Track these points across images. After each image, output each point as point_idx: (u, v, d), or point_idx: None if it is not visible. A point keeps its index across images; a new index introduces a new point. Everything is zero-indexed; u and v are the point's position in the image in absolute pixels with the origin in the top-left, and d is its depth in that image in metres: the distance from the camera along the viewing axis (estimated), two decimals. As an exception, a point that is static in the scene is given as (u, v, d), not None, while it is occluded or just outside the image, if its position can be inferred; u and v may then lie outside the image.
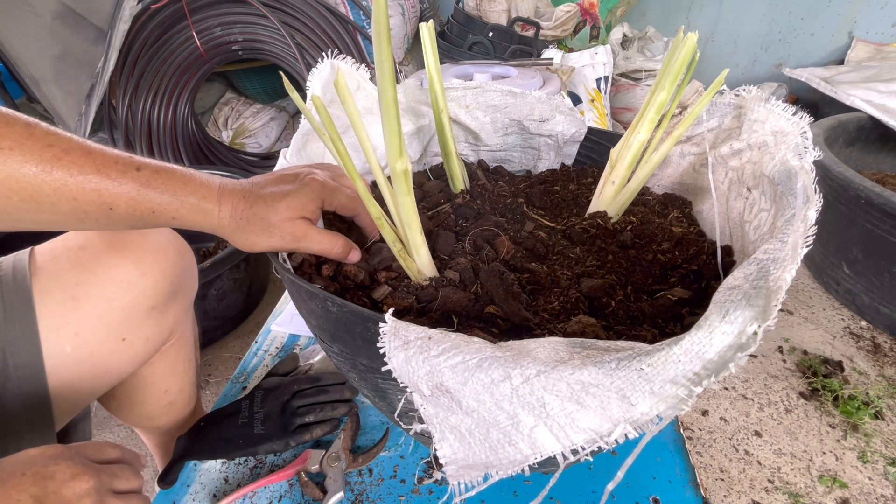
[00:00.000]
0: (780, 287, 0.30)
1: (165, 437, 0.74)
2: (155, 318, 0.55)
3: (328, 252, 0.47)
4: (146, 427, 0.71)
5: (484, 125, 0.71)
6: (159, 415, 0.68)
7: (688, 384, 0.28)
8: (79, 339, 0.48)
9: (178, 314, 0.59)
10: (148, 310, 0.53)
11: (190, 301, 0.62)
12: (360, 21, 1.67)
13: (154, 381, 0.64)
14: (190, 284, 0.60)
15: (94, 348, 0.49)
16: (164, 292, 0.54)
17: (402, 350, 0.33)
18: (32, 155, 0.37)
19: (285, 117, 2.08)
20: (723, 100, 0.54)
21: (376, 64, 0.35)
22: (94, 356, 0.50)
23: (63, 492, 0.36)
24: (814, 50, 2.10)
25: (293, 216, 0.44)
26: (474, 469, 0.33)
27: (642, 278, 0.47)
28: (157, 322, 0.55)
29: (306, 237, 0.45)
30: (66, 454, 0.39)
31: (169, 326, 0.58)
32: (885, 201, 1.05)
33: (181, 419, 0.72)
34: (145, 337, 0.54)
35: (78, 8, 1.46)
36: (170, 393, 0.67)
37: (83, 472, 0.38)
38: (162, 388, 0.65)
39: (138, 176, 0.40)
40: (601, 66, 1.80)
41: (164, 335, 0.58)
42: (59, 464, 0.38)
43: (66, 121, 1.55)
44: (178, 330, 0.62)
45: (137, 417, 0.68)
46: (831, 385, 1.04)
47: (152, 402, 0.66)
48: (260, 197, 0.44)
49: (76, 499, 0.37)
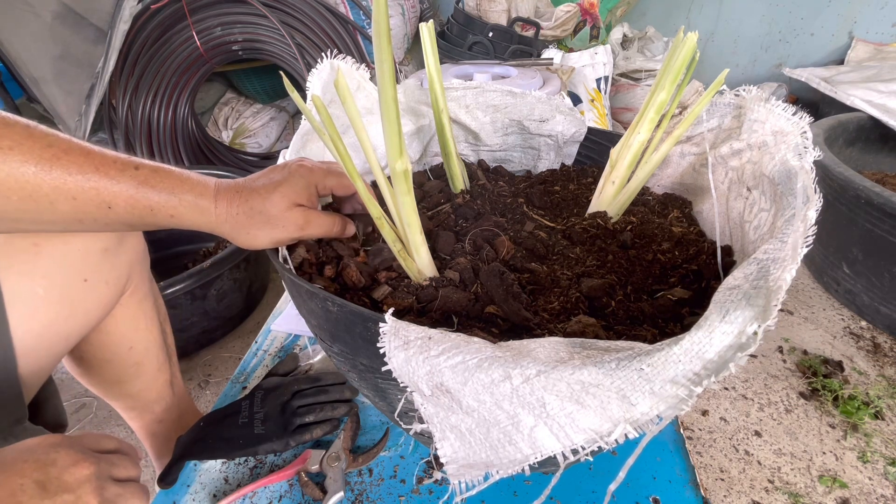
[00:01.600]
0: (780, 287, 0.30)
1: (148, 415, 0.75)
2: (110, 261, 0.56)
3: (329, 233, 0.48)
4: (122, 397, 0.71)
5: (484, 125, 0.71)
6: (129, 377, 0.68)
7: (688, 384, 0.28)
8: (46, 280, 0.49)
9: (132, 261, 0.60)
10: (101, 251, 0.54)
11: (139, 251, 0.63)
12: (360, 21, 1.67)
13: (119, 338, 0.64)
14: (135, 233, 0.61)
15: (62, 290, 0.50)
16: (112, 235, 0.55)
17: (402, 350, 0.33)
18: (32, 155, 0.37)
19: (285, 117, 2.08)
20: (723, 100, 0.54)
21: (376, 64, 0.35)
22: (63, 297, 0.51)
23: (64, 477, 0.38)
24: (814, 50, 2.10)
25: (290, 205, 0.45)
26: (475, 468, 0.33)
27: (642, 278, 0.47)
28: (113, 265, 0.56)
29: (309, 223, 0.46)
30: (66, 442, 0.40)
31: (124, 271, 0.59)
32: (885, 201, 1.05)
33: (156, 390, 0.72)
34: (105, 279, 0.56)
35: (78, 8, 1.46)
36: (135, 351, 0.67)
37: (83, 459, 0.39)
38: (126, 345, 0.66)
39: (136, 174, 0.41)
40: (601, 66, 1.80)
41: (121, 280, 0.59)
42: (59, 451, 0.39)
43: (66, 121, 1.55)
44: (134, 279, 0.62)
45: (108, 381, 0.68)
46: (831, 385, 1.04)
47: (118, 361, 0.66)
48: (254, 190, 0.44)
49: (77, 484, 0.38)
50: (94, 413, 1.08)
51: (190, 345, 1.17)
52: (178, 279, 1.02)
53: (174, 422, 0.77)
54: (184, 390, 0.80)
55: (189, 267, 1.07)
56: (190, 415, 0.81)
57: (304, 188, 0.46)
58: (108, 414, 1.07)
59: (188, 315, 1.10)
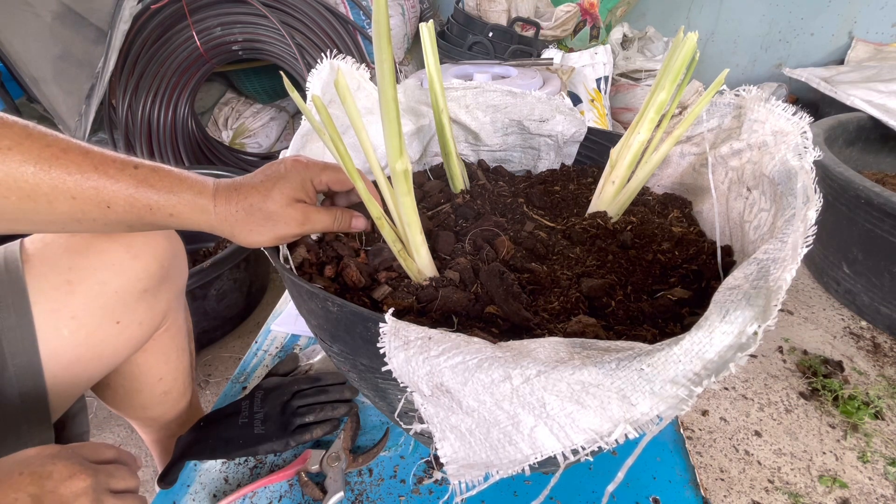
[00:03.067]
0: (780, 287, 0.30)
1: (163, 431, 0.75)
2: (148, 302, 0.55)
3: (331, 227, 0.47)
4: (142, 418, 0.71)
5: (484, 125, 0.71)
6: (155, 404, 0.68)
7: (688, 384, 0.28)
8: (75, 322, 0.49)
9: (170, 299, 0.60)
10: (140, 293, 0.53)
11: (180, 287, 0.63)
12: (360, 21, 1.67)
13: (148, 369, 0.64)
14: (180, 268, 0.61)
15: (90, 331, 0.50)
16: (155, 275, 0.55)
17: (402, 350, 0.33)
18: (31, 154, 0.37)
19: (285, 117, 2.08)
20: (723, 100, 0.54)
21: (376, 64, 0.35)
22: (90, 339, 0.50)
23: (60, 490, 0.37)
24: (814, 50, 2.10)
25: (289, 201, 0.45)
26: (475, 468, 0.33)
27: (642, 278, 0.47)
28: (150, 306, 0.56)
29: (308, 219, 0.45)
30: (63, 454, 0.39)
31: (161, 311, 0.59)
32: (885, 201, 1.05)
33: (177, 412, 0.73)
34: (139, 321, 0.55)
35: (78, 8, 1.46)
36: (164, 381, 0.67)
37: (80, 471, 0.38)
38: (156, 377, 0.66)
39: (136, 173, 0.41)
40: (601, 66, 1.80)
41: (157, 319, 0.58)
42: (56, 463, 0.38)
43: (66, 121, 1.55)
44: (170, 316, 0.62)
45: (133, 408, 0.68)
46: (831, 385, 1.04)
47: (147, 391, 0.66)
48: (252, 187, 0.44)
49: (73, 497, 0.37)
50: (95, 413, 1.07)
51: (190, 345, 1.17)
52: (178, 279, 1.02)
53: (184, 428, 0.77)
54: (198, 403, 0.80)
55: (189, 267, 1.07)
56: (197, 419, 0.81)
57: (301, 184, 0.45)
58: (108, 414, 1.07)
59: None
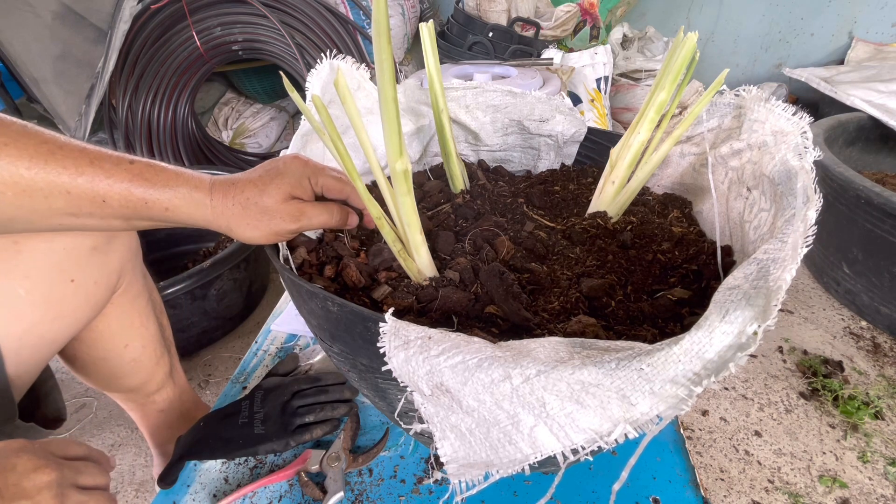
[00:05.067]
0: (780, 287, 0.30)
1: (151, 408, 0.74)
2: (99, 259, 0.55)
3: (328, 223, 0.47)
4: (122, 391, 0.71)
5: (484, 125, 0.71)
6: (126, 373, 0.68)
7: (688, 384, 0.28)
8: (29, 280, 0.48)
9: (123, 258, 0.59)
10: (90, 250, 0.53)
11: (131, 247, 0.62)
12: (360, 21, 1.67)
13: (111, 335, 0.64)
14: None
15: (45, 290, 0.50)
16: (101, 233, 0.54)
17: (402, 350, 0.33)
18: (27, 150, 0.38)
19: (285, 117, 2.08)
20: (723, 100, 0.54)
21: (376, 64, 0.35)
22: (48, 298, 0.50)
23: (23, 483, 0.37)
24: (814, 50, 2.10)
25: (286, 196, 0.45)
26: (475, 468, 0.33)
27: (642, 278, 0.47)
28: (103, 263, 0.56)
29: (304, 214, 0.45)
30: (28, 448, 0.39)
31: (115, 270, 0.58)
32: (885, 201, 1.05)
33: (156, 383, 0.72)
34: (94, 279, 0.55)
35: (78, 8, 1.46)
36: (131, 348, 0.67)
37: (45, 465, 0.38)
38: (121, 343, 0.65)
39: (131, 168, 0.41)
40: (601, 66, 1.80)
41: (112, 279, 0.58)
42: (20, 456, 0.38)
43: (66, 121, 1.55)
44: (125, 277, 0.62)
45: (106, 377, 0.68)
46: (831, 385, 1.04)
47: (115, 359, 0.66)
48: (249, 182, 0.45)
49: (36, 490, 0.37)
50: (95, 413, 1.07)
51: (190, 345, 1.17)
52: (178, 279, 1.02)
53: (176, 412, 0.77)
54: (185, 381, 0.80)
55: (189, 267, 1.07)
56: (192, 405, 0.80)
57: (298, 180, 0.46)
58: (108, 414, 1.07)
59: (188, 315, 1.10)
